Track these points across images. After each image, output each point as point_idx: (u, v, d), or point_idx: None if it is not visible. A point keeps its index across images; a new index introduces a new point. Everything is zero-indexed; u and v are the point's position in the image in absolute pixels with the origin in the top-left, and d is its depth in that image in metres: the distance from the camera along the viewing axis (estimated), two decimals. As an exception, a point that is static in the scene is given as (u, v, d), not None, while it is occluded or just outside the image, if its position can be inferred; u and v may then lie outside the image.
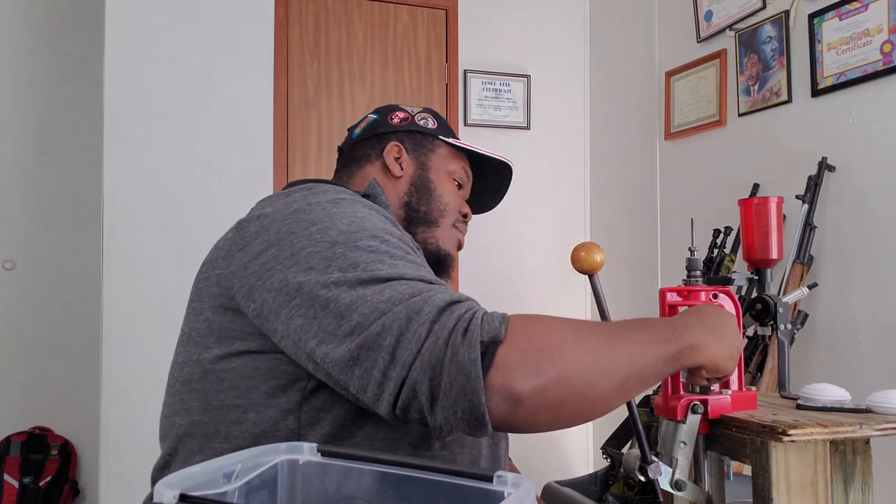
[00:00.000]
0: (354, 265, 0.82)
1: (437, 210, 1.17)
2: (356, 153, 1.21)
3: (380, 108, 1.28)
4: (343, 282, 0.81)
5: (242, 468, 0.65)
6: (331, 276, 0.81)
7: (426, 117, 1.24)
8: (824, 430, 0.73)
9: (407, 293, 0.79)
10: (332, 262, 0.83)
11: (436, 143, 1.22)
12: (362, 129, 1.23)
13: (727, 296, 0.86)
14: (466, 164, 1.25)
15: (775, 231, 0.97)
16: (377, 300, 0.78)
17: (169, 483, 0.57)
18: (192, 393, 0.92)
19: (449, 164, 1.21)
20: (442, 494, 0.65)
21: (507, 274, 3.32)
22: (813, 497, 0.74)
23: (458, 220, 1.21)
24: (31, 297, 3.27)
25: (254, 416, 0.87)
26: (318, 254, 0.84)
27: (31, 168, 3.30)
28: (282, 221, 0.90)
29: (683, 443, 0.80)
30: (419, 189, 1.17)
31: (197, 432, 0.90)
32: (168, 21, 2.81)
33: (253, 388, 0.87)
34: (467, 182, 1.25)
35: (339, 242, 0.85)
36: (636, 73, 3.14)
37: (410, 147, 1.20)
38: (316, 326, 0.80)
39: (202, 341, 0.92)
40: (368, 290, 0.80)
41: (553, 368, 0.73)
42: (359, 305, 0.79)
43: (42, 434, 3.19)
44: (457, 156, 1.23)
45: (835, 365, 2.13)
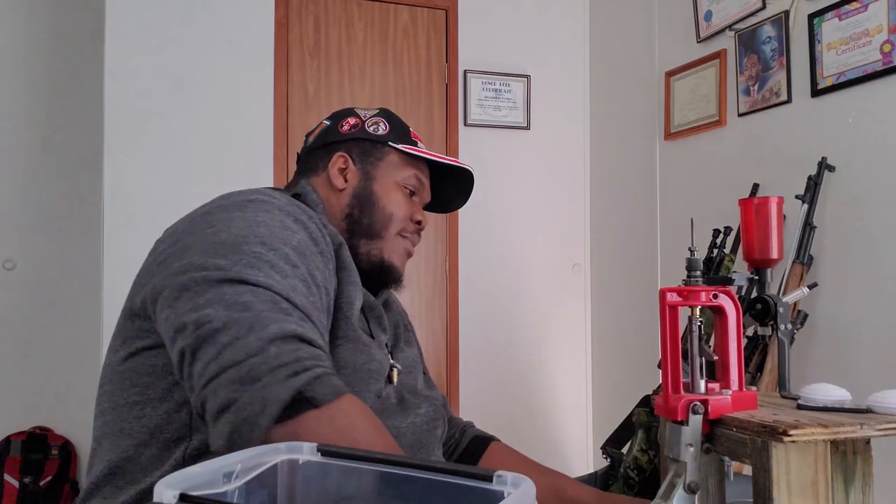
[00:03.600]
0: (228, 266, 0.84)
1: (381, 221, 1.14)
2: (308, 163, 1.20)
3: (335, 113, 1.25)
4: (210, 279, 0.83)
5: (242, 468, 0.65)
6: (201, 274, 0.84)
7: (378, 122, 1.20)
8: (825, 431, 0.73)
9: (265, 304, 0.81)
10: (209, 260, 0.85)
11: (385, 151, 1.18)
12: (315, 136, 1.22)
13: (727, 296, 0.86)
14: (421, 170, 1.20)
15: (775, 231, 0.97)
16: (233, 301, 0.81)
17: (169, 483, 0.57)
18: (104, 395, 0.96)
19: (399, 172, 1.17)
20: (441, 494, 0.64)
21: (506, 274, 3.32)
22: (814, 497, 0.74)
23: (407, 229, 1.18)
24: (31, 297, 3.27)
25: (150, 410, 0.90)
26: (202, 252, 0.87)
27: (31, 168, 3.30)
28: (188, 223, 0.94)
29: (689, 445, 0.80)
30: (362, 201, 1.15)
31: (109, 431, 0.94)
32: (168, 21, 2.81)
33: (151, 385, 0.91)
34: (422, 188, 1.21)
35: (225, 244, 0.87)
36: (636, 73, 3.14)
37: (357, 156, 1.17)
38: (174, 317, 0.83)
39: (113, 345, 0.97)
40: (230, 289, 0.82)
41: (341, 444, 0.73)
42: (215, 301, 0.81)
43: (42, 434, 3.19)
44: (408, 162, 1.18)
45: (834, 365, 2.13)
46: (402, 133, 1.20)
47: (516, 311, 3.33)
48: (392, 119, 1.22)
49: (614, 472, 1.98)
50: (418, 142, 1.21)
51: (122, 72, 2.75)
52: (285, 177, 2.93)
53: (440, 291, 3.20)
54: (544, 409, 3.35)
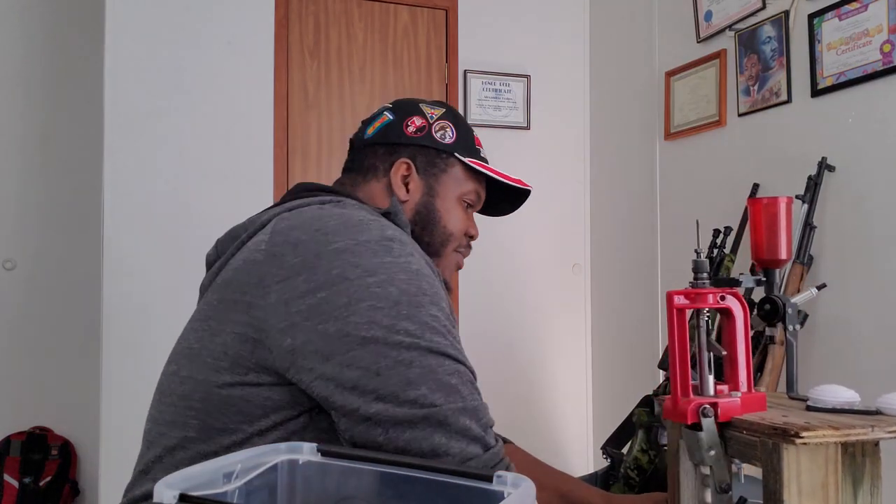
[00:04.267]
0: (420, 332, 0.84)
1: (441, 241, 1.12)
2: (365, 160, 1.14)
3: (398, 104, 1.18)
4: (412, 346, 0.83)
5: (242, 468, 0.65)
6: (397, 338, 0.83)
7: (445, 127, 1.14)
8: (836, 433, 0.72)
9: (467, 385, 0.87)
10: (397, 323, 0.84)
11: (450, 162, 1.13)
12: (375, 129, 1.15)
13: (735, 297, 0.86)
14: (482, 184, 1.17)
15: (784, 231, 0.97)
16: (445, 381, 0.84)
17: (169, 483, 0.57)
18: (191, 411, 0.91)
19: (461, 187, 1.13)
20: (441, 494, 0.64)
21: (507, 273, 3.31)
22: (824, 500, 0.74)
23: (462, 244, 1.16)
24: (31, 297, 3.26)
25: (258, 440, 0.87)
26: (381, 310, 0.84)
27: (31, 168, 3.29)
28: (329, 261, 0.87)
29: (710, 449, 0.80)
30: (424, 218, 1.11)
31: (190, 447, 0.90)
32: (168, 21, 2.81)
33: (263, 417, 0.87)
34: (478, 202, 1.18)
35: (402, 303, 0.85)
36: (636, 73, 3.14)
37: (422, 166, 1.12)
38: (377, 383, 0.82)
39: (213, 363, 0.91)
40: (438, 363, 0.84)
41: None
42: (426, 377, 0.82)
43: (42, 434, 3.19)
44: (472, 176, 1.14)
45: (834, 365, 2.13)
46: (468, 141, 1.16)
47: (516, 311, 3.33)
48: (459, 124, 1.17)
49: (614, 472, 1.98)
50: (481, 150, 1.18)
51: (122, 72, 2.74)
52: (285, 177, 2.93)
53: (440, 291, 3.20)
54: (544, 409, 3.35)
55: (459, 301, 3.21)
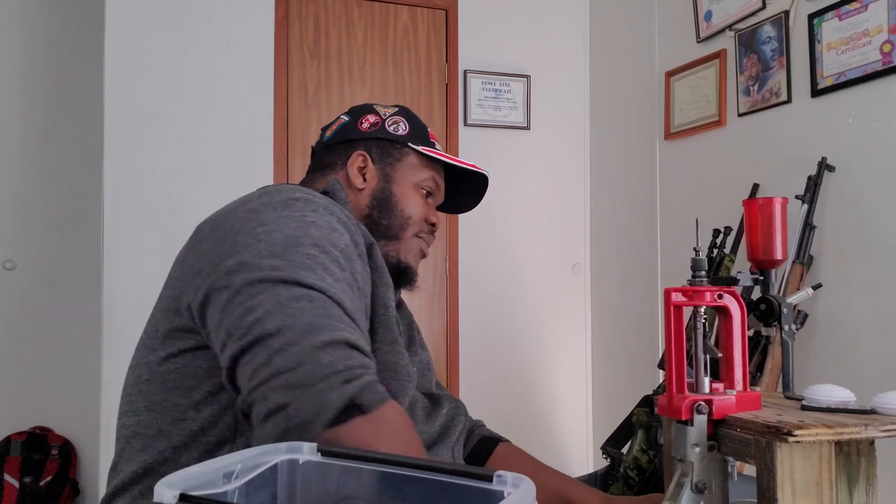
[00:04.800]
0: (283, 266, 0.84)
1: (399, 224, 1.15)
2: (324, 159, 1.19)
3: (354, 108, 1.25)
4: (265, 279, 0.83)
5: (242, 468, 0.65)
6: (255, 275, 0.83)
7: (398, 122, 1.19)
8: (829, 431, 0.72)
9: (318, 308, 0.81)
10: (264, 261, 0.84)
11: (404, 152, 1.18)
12: (333, 131, 1.21)
13: (732, 296, 0.86)
14: (438, 172, 1.21)
15: (780, 232, 0.97)
16: (287, 303, 0.81)
17: (169, 483, 0.57)
18: (140, 394, 0.94)
19: (417, 174, 1.17)
20: (441, 494, 0.64)
21: (506, 274, 3.32)
22: (818, 498, 0.74)
23: (423, 230, 1.18)
24: (31, 297, 3.26)
25: (193, 413, 0.89)
26: (256, 253, 0.86)
27: (31, 168, 3.30)
28: (232, 219, 0.92)
29: (696, 445, 0.80)
30: (381, 202, 1.15)
31: (142, 431, 0.92)
32: (168, 21, 2.81)
33: (195, 387, 0.90)
34: (438, 190, 1.22)
35: (279, 243, 0.86)
36: (636, 73, 3.14)
37: (377, 156, 1.17)
38: (227, 320, 0.83)
39: (150, 343, 0.95)
40: (285, 291, 0.82)
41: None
42: (269, 303, 0.81)
43: (42, 434, 3.19)
44: (427, 164, 1.19)
45: (834, 365, 2.13)
46: (421, 134, 1.20)
47: (516, 311, 3.33)
48: (412, 118, 1.21)
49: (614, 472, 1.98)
50: (436, 143, 1.21)
51: (122, 72, 2.75)
52: (285, 177, 2.93)
53: (440, 291, 3.20)
54: (544, 409, 3.35)
55: (460, 301, 3.21)
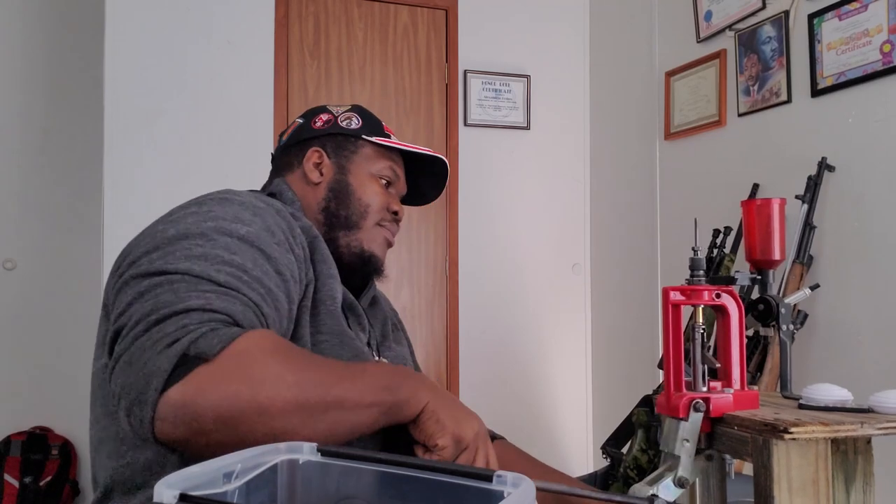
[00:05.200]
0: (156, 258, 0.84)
1: (357, 213, 1.15)
2: (282, 161, 1.21)
3: (308, 110, 1.26)
4: (138, 274, 0.83)
5: (242, 468, 0.65)
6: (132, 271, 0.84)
7: (350, 117, 1.20)
8: (826, 429, 0.73)
9: (173, 292, 0.79)
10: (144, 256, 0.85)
11: (359, 144, 1.18)
12: (289, 135, 1.22)
13: (730, 295, 0.86)
14: (396, 162, 1.21)
15: (777, 232, 0.97)
16: (145, 292, 0.80)
17: (169, 483, 0.57)
18: (96, 402, 0.94)
19: (373, 164, 1.18)
20: (441, 494, 0.64)
21: (507, 273, 3.32)
22: (814, 496, 0.74)
23: (385, 219, 1.18)
24: (31, 297, 3.27)
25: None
26: (144, 249, 0.86)
27: (31, 168, 3.30)
28: (152, 225, 0.93)
29: (686, 440, 0.81)
30: (337, 193, 1.15)
31: (105, 436, 0.92)
32: (168, 21, 2.81)
33: None
34: (397, 179, 1.21)
35: (167, 238, 0.86)
36: (636, 73, 3.14)
37: (332, 151, 1.17)
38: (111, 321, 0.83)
39: (96, 352, 0.96)
40: (146, 282, 0.81)
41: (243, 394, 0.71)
42: (130, 297, 0.80)
43: (42, 434, 3.19)
44: (383, 154, 1.19)
45: (834, 365, 2.13)
46: (374, 126, 1.20)
47: (516, 311, 3.33)
48: (364, 114, 1.22)
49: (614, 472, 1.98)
50: (391, 135, 1.22)
51: (122, 72, 2.75)
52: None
53: (440, 291, 3.20)
54: (544, 409, 3.35)
55: (460, 301, 3.22)
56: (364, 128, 1.19)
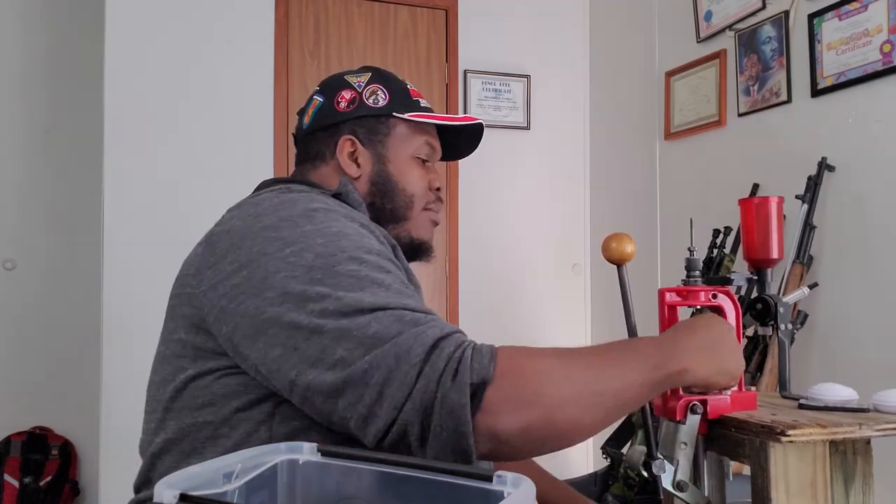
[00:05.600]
0: (334, 294, 0.79)
1: (404, 205, 1.08)
2: (310, 148, 1.12)
3: (324, 84, 1.15)
4: (324, 313, 0.78)
5: (242, 468, 0.65)
6: (310, 306, 0.79)
7: (375, 91, 1.10)
8: (823, 431, 0.73)
9: (394, 329, 0.76)
10: (309, 288, 0.80)
11: (391, 124, 1.09)
12: (311, 116, 1.12)
13: (726, 296, 0.86)
14: (431, 133, 1.12)
15: (775, 231, 0.97)
16: (362, 335, 0.76)
17: (169, 483, 0.57)
18: (169, 412, 0.91)
19: (410, 144, 1.09)
20: (441, 494, 0.65)
21: (507, 273, 3.31)
22: (812, 497, 0.74)
23: (430, 200, 1.11)
24: (31, 297, 3.26)
25: (226, 430, 0.86)
26: (295, 279, 0.81)
27: (31, 168, 3.30)
28: (253, 239, 0.86)
29: (684, 443, 0.80)
30: (381, 188, 1.08)
31: (173, 449, 0.90)
32: (168, 21, 2.81)
33: (225, 405, 0.87)
34: (434, 152, 1.14)
35: (316, 267, 0.81)
36: (636, 73, 3.14)
37: (364, 137, 1.09)
38: (296, 358, 0.78)
39: (177, 361, 0.92)
40: (352, 322, 0.77)
41: (538, 411, 0.75)
42: (342, 339, 0.76)
43: (42, 434, 3.19)
44: (418, 129, 1.10)
45: (834, 365, 2.13)
46: (403, 97, 1.11)
47: (516, 311, 3.33)
48: (389, 83, 1.12)
49: (614, 472, 1.98)
50: (420, 100, 1.13)
51: (122, 72, 2.75)
52: (286, 176, 2.92)
53: (440, 291, 3.20)
54: (544, 409, 3.34)
55: (460, 301, 3.21)
56: (393, 101, 1.10)
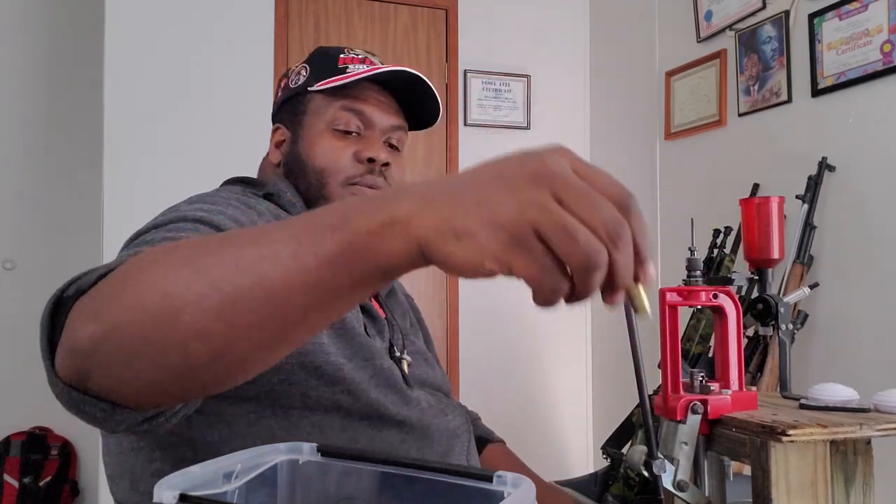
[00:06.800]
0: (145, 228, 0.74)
1: (316, 182, 0.95)
2: None
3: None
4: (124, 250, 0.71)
5: (242, 468, 0.65)
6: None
7: (300, 71, 1.01)
8: (824, 431, 0.73)
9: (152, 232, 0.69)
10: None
11: (307, 99, 0.98)
12: None
13: (727, 296, 0.86)
14: (356, 97, 0.97)
15: (776, 231, 0.97)
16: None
17: (169, 483, 0.57)
18: None
19: (323, 116, 0.97)
20: (441, 494, 0.64)
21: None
22: (813, 497, 0.74)
23: (355, 174, 0.95)
24: (31, 297, 3.26)
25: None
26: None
27: (31, 168, 3.30)
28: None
29: (684, 443, 0.80)
30: (291, 168, 0.98)
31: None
32: (168, 21, 2.81)
33: None
34: (361, 116, 0.97)
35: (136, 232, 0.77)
36: (636, 73, 3.14)
37: (287, 121, 1.01)
38: None
39: None
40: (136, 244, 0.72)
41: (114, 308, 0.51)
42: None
43: (42, 434, 3.19)
44: (333, 98, 0.97)
45: (835, 365, 2.13)
46: (324, 67, 0.99)
47: (516, 312, 3.33)
48: (314, 58, 1.02)
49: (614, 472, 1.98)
50: (350, 64, 0.99)
51: (122, 72, 2.75)
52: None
53: (440, 292, 3.20)
54: (544, 410, 3.34)
55: (459, 301, 3.21)
56: (311, 76, 0.99)
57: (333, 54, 0.99)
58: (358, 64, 0.98)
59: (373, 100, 0.97)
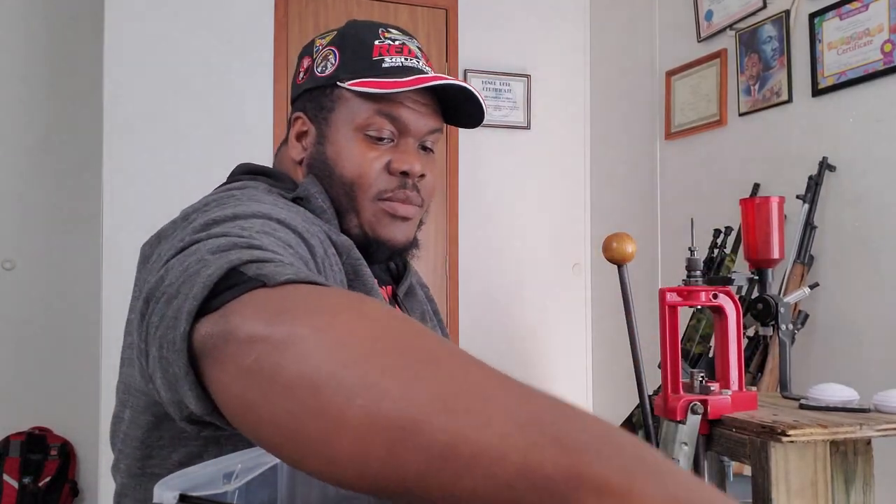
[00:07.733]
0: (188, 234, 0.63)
1: (345, 194, 0.87)
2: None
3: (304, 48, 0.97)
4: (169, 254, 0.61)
5: (242, 468, 0.65)
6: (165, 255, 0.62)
7: (327, 56, 0.90)
8: (824, 431, 0.72)
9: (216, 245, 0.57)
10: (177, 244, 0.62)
11: (336, 94, 0.88)
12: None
13: (727, 296, 0.86)
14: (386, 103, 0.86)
15: (776, 231, 0.97)
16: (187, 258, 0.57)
17: (169, 484, 0.57)
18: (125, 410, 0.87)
19: (353, 118, 0.87)
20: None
21: (506, 273, 3.31)
22: (813, 497, 0.74)
23: (388, 188, 0.87)
24: (31, 297, 3.26)
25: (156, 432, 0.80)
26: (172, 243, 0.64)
27: (31, 168, 3.30)
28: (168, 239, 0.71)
29: (684, 444, 0.80)
30: (316, 171, 0.89)
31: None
32: (168, 21, 2.81)
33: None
34: (391, 124, 0.87)
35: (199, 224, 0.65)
36: (636, 73, 3.14)
37: (312, 113, 0.90)
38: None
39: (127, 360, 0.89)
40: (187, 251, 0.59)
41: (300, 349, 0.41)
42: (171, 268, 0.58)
43: (42, 434, 3.19)
44: (366, 97, 0.86)
45: (835, 365, 2.12)
46: (356, 59, 0.88)
47: (516, 311, 3.33)
48: (345, 42, 0.90)
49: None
50: (388, 58, 0.88)
51: (122, 72, 2.75)
52: (285, 177, 2.93)
53: (440, 291, 3.20)
54: (544, 409, 3.34)
55: (460, 301, 3.21)
56: (340, 67, 0.88)
57: (368, 41, 0.89)
58: (395, 55, 0.88)
59: (410, 102, 0.88)
